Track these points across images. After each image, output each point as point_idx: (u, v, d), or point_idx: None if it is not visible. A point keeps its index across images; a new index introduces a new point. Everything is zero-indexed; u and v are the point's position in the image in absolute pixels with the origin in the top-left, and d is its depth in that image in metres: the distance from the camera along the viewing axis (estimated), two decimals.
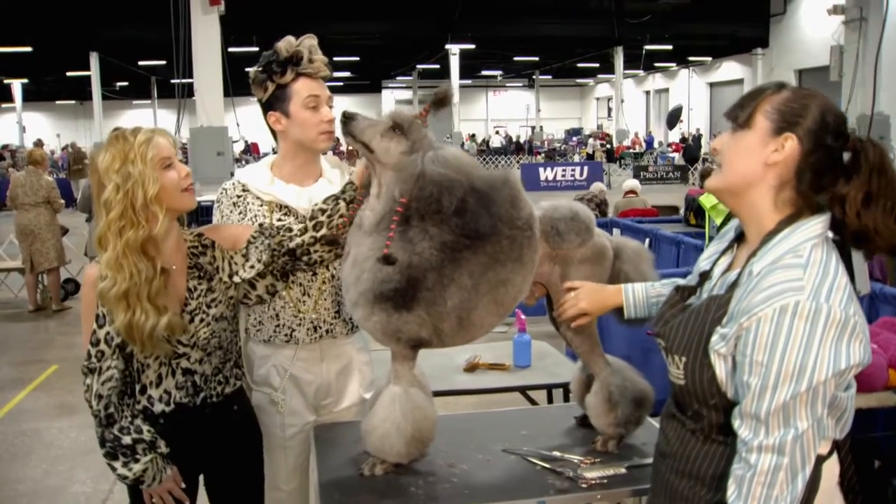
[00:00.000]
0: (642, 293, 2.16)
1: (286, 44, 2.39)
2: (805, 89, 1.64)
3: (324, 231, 2.25)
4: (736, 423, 1.57)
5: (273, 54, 2.40)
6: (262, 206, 2.47)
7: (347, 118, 2.07)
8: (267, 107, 2.45)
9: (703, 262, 1.86)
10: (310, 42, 2.42)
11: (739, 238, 1.77)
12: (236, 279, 2.27)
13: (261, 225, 2.30)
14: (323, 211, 2.28)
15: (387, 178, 2.07)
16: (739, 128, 1.65)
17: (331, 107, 2.48)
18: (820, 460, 1.58)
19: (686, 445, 1.73)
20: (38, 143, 25.85)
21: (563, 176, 23.07)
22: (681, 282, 1.98)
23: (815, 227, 1.59)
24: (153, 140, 2.09)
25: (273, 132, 2.50)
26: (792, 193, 1.61)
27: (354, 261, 2.08)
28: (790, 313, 1.47)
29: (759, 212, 1.64)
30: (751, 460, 1.52)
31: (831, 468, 1.63)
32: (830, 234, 1.61)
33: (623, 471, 2.20)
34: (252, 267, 2.26)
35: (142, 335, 2.05)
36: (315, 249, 2.28)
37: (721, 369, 1.60)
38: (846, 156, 1.59)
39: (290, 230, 2.28)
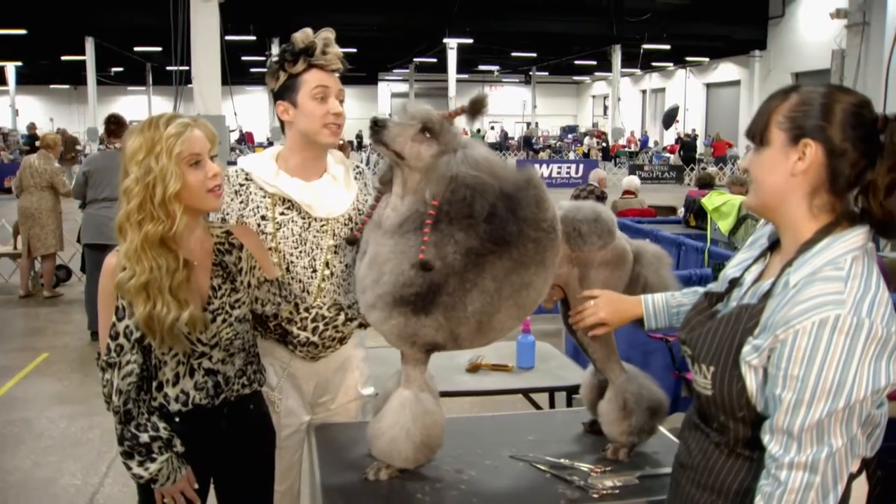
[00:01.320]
0: (662, 304, 2.10)
1: (303, 35, 2.35)
2: (811, 87, 1.57)
3: (316, 339, 2.39)
4: (766, 438, 1.52)
5: (289, 45, 2.36)
6: (265, 197, 2.42)
7: (379, 126, 1.96)
8: (277, 96, 2.40)
9: (732, 269, 1.81)
10: (326, 34, 2.37)
11: (773, 246, 1.71)
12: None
13: (279, 282, 2.29)
14: (324, 317, 2.38)
15: (413, 179, 2.00)
16: (759, 145, 1.60)
17: (341, 101, 2.42)
18: (850, 479, 1.53)
19: (709, 458, 1.68)
20: (31, 127, 25.69)
21: (559, 173, 23.04)
22: (701, 290, 1.94)
23: (856, 238, 1.53)
24: (184, 134, 2.00)
25: (282, 124, 2.44)
26: (828, 197, 1.56)
27: (373, 261, 2.01)
28: (830, 327, 1.41)
29: (795, 221, 1.59)
30: (781, 477, 1.47)
31: (861, 487, 1.57)
32: (871, 245, 1.56)
33: (635, 480, 2.14)
34: (256, 301, 2.24)
35: (162, 328, 1.99)
36: (301, 350, 2.38)
37: (752, 381, 1.55)
38: (882, 137, 1.52)
39: (300, 314, 2.34)
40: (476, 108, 2.01)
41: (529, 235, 2.00)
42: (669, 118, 29.74)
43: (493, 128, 39.01)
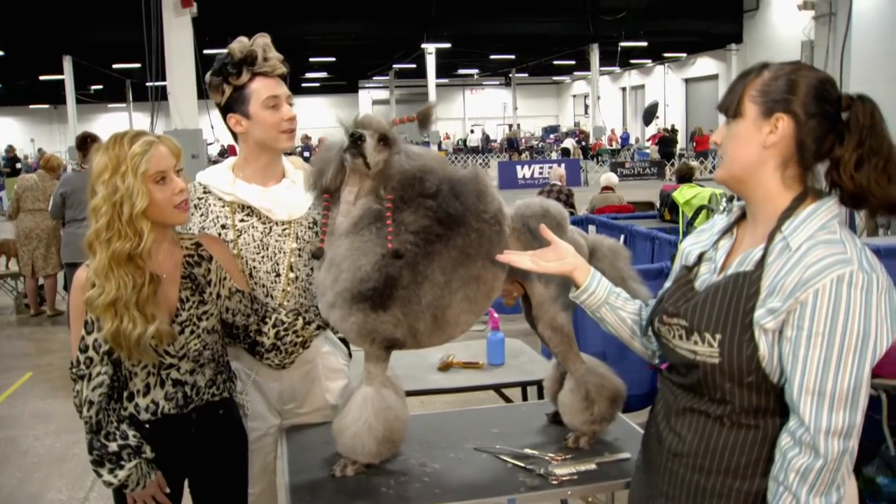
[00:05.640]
0: (605, 292, 1.98)
1: (239, 45, 2.37)
2: (785, 64, 1.66)
3: (279, 343, 2.36)
4: (795, 404, 1.54)
5: (227, 56, 2.37)
6: (223, 206, 2.46)
7: (361, 140, 2.00)
8: (226, 110, 2.43)
9: (691, 245, 1.87)
10: (263, 41, 2.40)
11: (736, 222, 1.79)
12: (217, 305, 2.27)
13: (251, 296, 2.33)
14: (283, 322, 2.33)
15: (367, 185, 2.07)
16: (732, 118, 1.68)
17: (291, 104, 2.46)
18: None
19: (709, 439, 1.68)
20: (10, 149, 25.55)
21: (541, 173, 23.09)
22: (639, 302, 2.03)
23: (834, 205, 1.62)
24: (149, 152, 2.05)
25: (234, 134, 2.48)
26: (797, 169, 1.64)
27: (331, 263, 2.08)
28: (847, 283, 1.49)
29: (769, 192, 1.66)
30: (820, 448, 1.50)
31: None
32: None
33: (593, 467, 2.21)
34: (227, 311, 2.27)
35: (129, 343, 2.04)
36: (268, 357, 2.37)
37: (764, 344, 1.58)
38: (844, 115, 1.61)
39: (265, 323, 2.32)
40: (425, 119, 2.09)
41: (472, 225, 2.08)
42: (649, 115, 29.87)
43: (472, 131, 39.08)
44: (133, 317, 2.04)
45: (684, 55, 32.04)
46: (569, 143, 30.50)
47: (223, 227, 2.44)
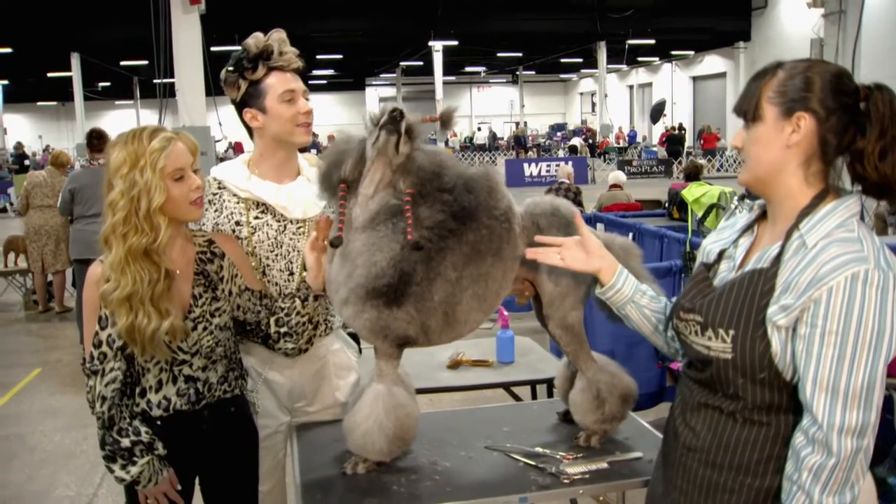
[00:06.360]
0: (632, 289, 1.98)
1: (255, 40, 2.38)
2: (798, 62, 1.65)
3: (288, 329, 2.33)
4: (808, 402, 1.53)
5: (243, 52, 2.38)
6: (238, 202, 2.45)
7: (402, 116, 2.00)
8: (242, 105, 2.43)
9: (712, 244, 1.86)
10: (279, 35, 2.40)
11: (757, 220, 1.78)
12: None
13: (262, 295, 2.33)
14: (282, 309, 2.31)
15: (386, 177, 2.07)
16: (751, 122, 1.66)
17: (307, 99, 2.46)
18: None
19: (721, 434, 1.68)
20: (18, 146, 25.61)
21: (548, 171, 23.08)
22: (664, 300, 2.02)
23: (853, 204, 1.61)
24: (167, 149, 2.06)
25: (249, 130, 2.48)
26: (820, 165, 1.63)
27: (345, 257, 2.07)
28: (861, 281, 1.48)
29: (791, 190, 1.64)
30: (833, 447, 1.49)
31: None
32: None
33: (605, 465, 2.20)
34: (237, 308, 2.28)
35: (143, 338, 2.04)
36: (285, 339, 2.35)
37: (777, 341, 1.58)
38: (862, 105, 1.60)
39: (272, 315, 2.32)
40: (447, 120, 2.10)
41: (482, 221, 2.07)
42: (657, 112, 29.83)
43: (479, 129, 39.05)
44: (148, 312, 2.04)
45: (692, 53, 32.00)
46: (576, 140, 30.47)
47: (237, 223, 2.43)
